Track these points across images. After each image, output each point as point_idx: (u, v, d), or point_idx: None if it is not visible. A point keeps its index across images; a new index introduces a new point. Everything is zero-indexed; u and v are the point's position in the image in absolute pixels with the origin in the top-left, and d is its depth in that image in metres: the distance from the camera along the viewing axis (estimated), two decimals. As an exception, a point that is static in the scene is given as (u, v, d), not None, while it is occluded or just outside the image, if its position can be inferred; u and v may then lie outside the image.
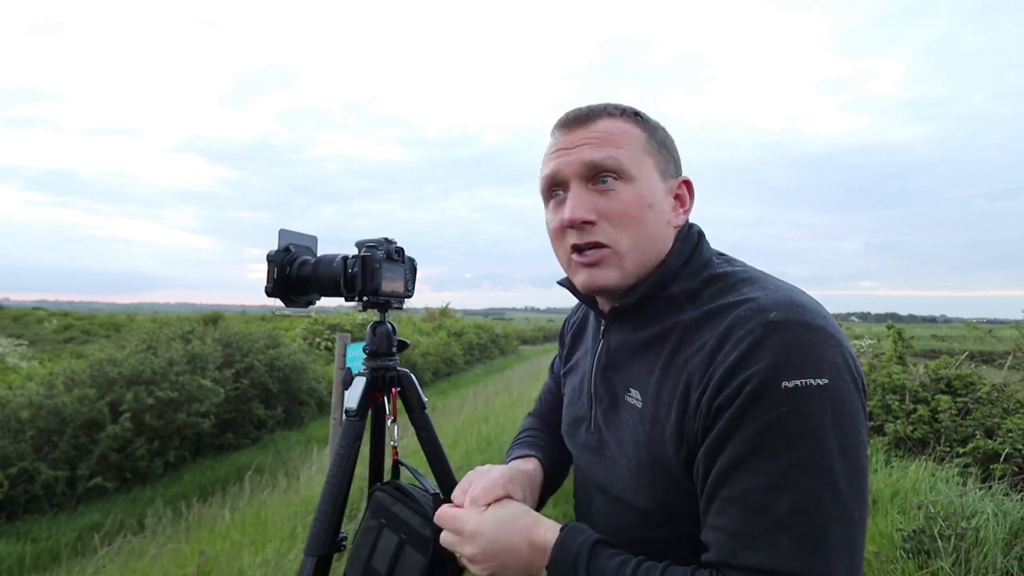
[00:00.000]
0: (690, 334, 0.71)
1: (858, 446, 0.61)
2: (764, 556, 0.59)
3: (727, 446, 0.63)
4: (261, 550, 3.18)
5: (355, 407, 1.11)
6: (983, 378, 4.93)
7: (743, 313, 0.66)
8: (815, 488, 0.59)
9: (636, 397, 0.76)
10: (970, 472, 3.80)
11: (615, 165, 0.74)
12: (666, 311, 0.75)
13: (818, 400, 0.60)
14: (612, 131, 0.76)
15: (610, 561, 0.68)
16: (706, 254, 0.79)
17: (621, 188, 0.74)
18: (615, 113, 0.78)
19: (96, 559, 3.99)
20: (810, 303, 0.66)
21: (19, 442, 6.32)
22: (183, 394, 7.86)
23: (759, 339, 0.62)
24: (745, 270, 0.75)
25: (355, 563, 0.97)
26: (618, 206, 0.74)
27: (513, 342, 30.18)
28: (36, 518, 5.94)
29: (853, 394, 0.62)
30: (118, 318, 28.44)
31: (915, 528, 2.72)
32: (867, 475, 0.63)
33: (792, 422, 0.60)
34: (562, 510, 4.06)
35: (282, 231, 1.13)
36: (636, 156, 0.75)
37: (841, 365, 0.62)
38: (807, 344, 0.61)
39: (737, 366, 0.63)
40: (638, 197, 0.74)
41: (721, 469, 0.63)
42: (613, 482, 0.79)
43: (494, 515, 0.75)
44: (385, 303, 1.14)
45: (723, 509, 0.63)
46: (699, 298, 0.73)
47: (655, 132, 0.79)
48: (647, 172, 0.76)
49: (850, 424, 0.61)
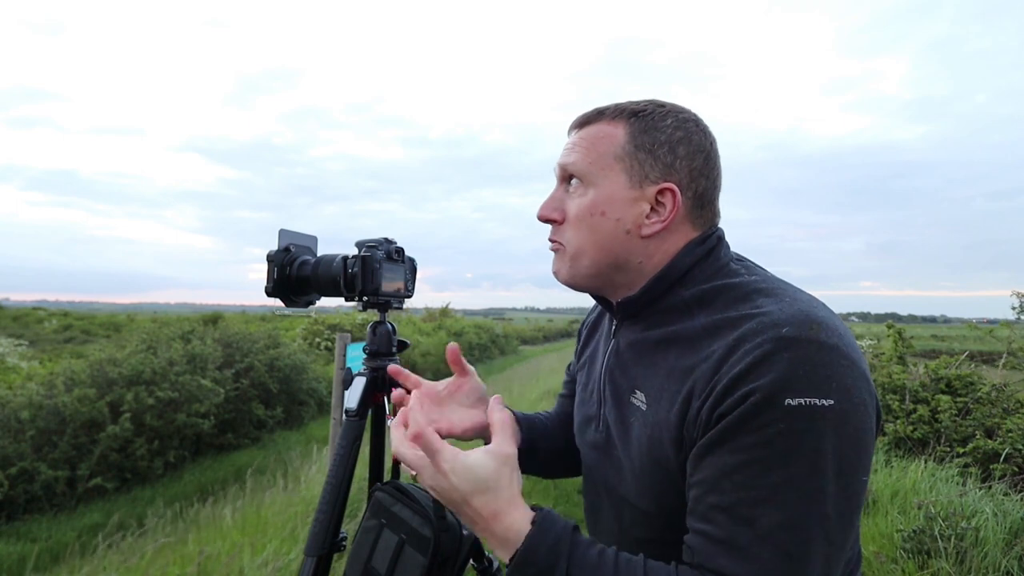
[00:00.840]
0: (699, 341, 0.70)
1: (857, 471, 0.61)
2: (744, 567, 0.60)
3: (720, 453, 0.63)
4: (261, 550, 3.18)
5: (355, 407, 1.11)
6: (983, 378, 4.94)
7: (754, 326, 0.65)
8: (803, 508, 0.59)
9: (641, 399, 0.76)
10: (970, 472, 3.80)
11: (575, 171, 0.78)
12: (676, 314, 0.75)
13: (820, 421, 0.59)
14: (593, 136, 0.78)
15: (589, 550, 0.65)
16: (723, 259, 0.77)
17: (581, 192, 0.78)
18: (613, 116, 0.77)
19: (96, 559, 3.99)
20: (827, 319, 0.65)
21: (19, 442, 6.32)
22: (183, 394, 7.86)
23: (768, 353, 0.62)
24: (763, 279, 0.73)
25: (355, 563, 0.97)
26: (572, 210, 0.78)
27: (513, 342, 30.17)
28: (36, 518, 5.95)
29: (862, 418, 0.61)
30: (118, 318, 28.44)
31: (915, 528, 2.72)
32: (862, 500, 0.63)
33: (790, 440, 0.59)
34: (563, 510, 4.06)
35: (282, 231, 1.13)
36: (601, 162, 0.76)
37: (851, 387, 0.61)
38: (817, 363, 0.61)
39: (742, 378, 0.62)
40: (591, 203, 0.76)
41: (711, 475, 0.63)
42: (619, 483, 0.79)
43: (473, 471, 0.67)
44: (385, 303, 1.13)
45: (710, 515, 0.63)
46: (711, 304, 0.72)
47: (647, 134, 0.75)
48: (610, 179, 0.75)
49: (851, 448, 0.60)
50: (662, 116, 0.76)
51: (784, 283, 0.73)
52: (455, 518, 0.95)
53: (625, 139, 0.76)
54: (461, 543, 0.94)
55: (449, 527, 0.92)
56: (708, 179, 0.77)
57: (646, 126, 0.76)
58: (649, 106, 0.77)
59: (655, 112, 0.76)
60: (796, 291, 0.71)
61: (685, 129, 0.76)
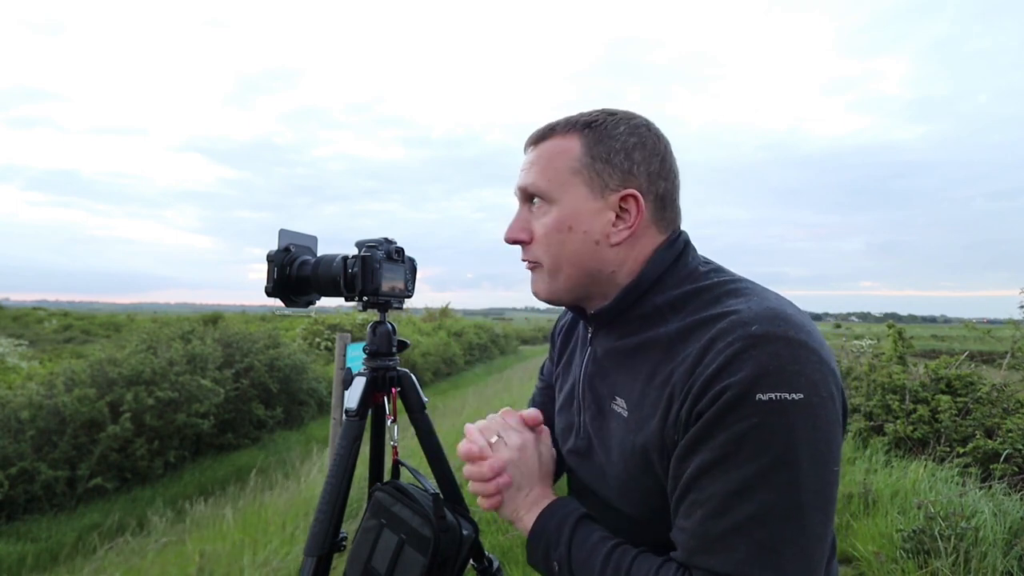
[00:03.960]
0: (674, 345, 0.71)
1: (828, 463, 0.62)
2: (720, 560, 0.62)
3: (699, 451, 0.64)
4: (261, 550, 3.18)
5: (355, 407, 1.11)
6: (983, 378, 4.93)
7: (725, 326, 0.66)
8: (777, 499, 0.60)
9: (621, 405, 0.77)
10: (970, 472, 3.80)
11: (536, 190, 0.78)
12: (651, 321, 0.76)
13: (791, 415, 0.61)
14: (548, 153, 0.78)
15: (592, 534, 0.74)
16: (691, 263, 0.78)
17: (545, 210, 0.78)
18: (565, 130, 0.78)
19: (96, 559, 3.99)
20: (795, 316, 0.67)
21: (19, 442, 6.32)
22: (183, 394, 7.86)
23: (739, 351, 0.63)
24: (731, 280, 0.75)
25: (355, 563, 0.97)
26: (540, 228, 0.79)
27: (513, 342, 30.19)
28: (36, 518, 5.95)
29: (830, 411, 0.63)
30: (118, 318, 28.45)
31: (915, 528, 2.72)
32: (835, 491, 0.64)
33: (762, 433, 0.61)
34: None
35: (282, 231, 1.14)
36: (560, 178, 0.76)
37: (819, 382, 0.62)
38: (786, 359, 0.62)
39: (715, 377, 0.64)
40: (557, 221, 0.77)
41: (691, 473, 0.65)
42: (601, 487, 0.81)
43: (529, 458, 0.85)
44: (385, 303, 1.14)
45: (689, 511, 0.65)
46: (683, 309, 0.74)
47: (602, 144, 0.76)
48: (571, 193, 0.76)
49: (822, 440, 0.62)
50: (614, 124, 0.77)
51: (752, 283, 0.75)
52: (455, 518, 0.95)
53: (581, 151, 0.76)
54: (461, 543, 0.94)
55: (449, 527, 0.92)
56: (667, 180, 0.78)
57: (599, 136, 0.76)
58: (600, 115, 0.78)
59: (607, 121, 0.77)
60: (764, 290, 0.73)
61: (638, 135, 0.77)
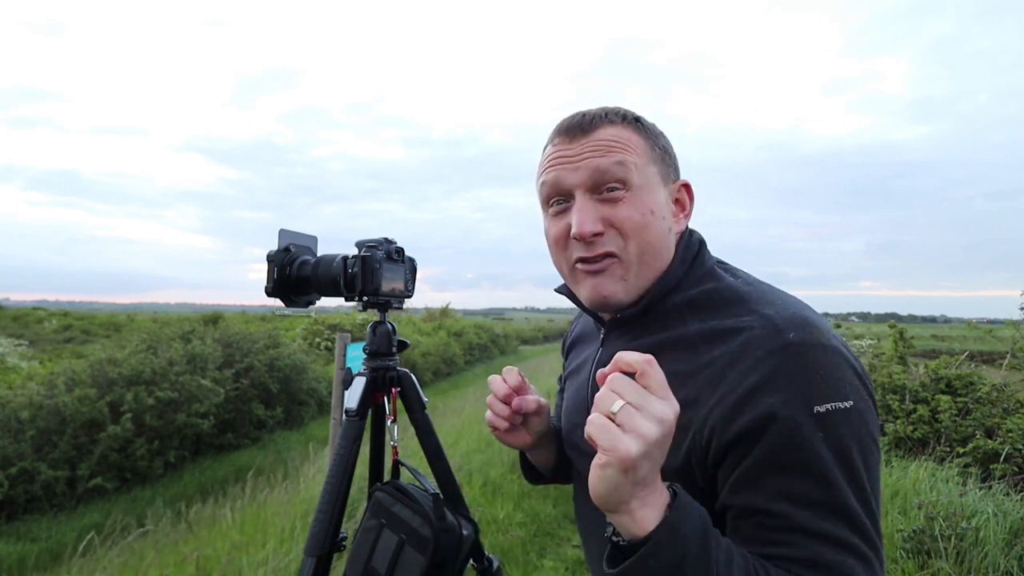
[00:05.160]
0: (696, 346, 0.70)
1: (877, 463, 0.64)
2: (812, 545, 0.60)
3: (772, 477, 0.61)
4: (261, 550, 3.18)
5: (355, 407, 1.11)
6: (983, 378, 4.93)
7: (758, 332, 0.65)
8: (861, 508, 0.61)
9: None
10: (970, 472, 3.80)
11: (622, 174, 0.73)
12: (669, 321, 0.75)
13: (846, 423, 0.61)
14: (616, 139, 0.74)
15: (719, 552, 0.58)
16: (708, 263, 0.78)
17: (627, 197, 0.73)
18: (616, 120, 0.76)
19: (96, 559, 3.99)
20: (818, 320, 0.67)
21: (19, 442, 6.33)
22: (183, 394, 7.86)
23: (781, 363, 0.63)
24: (748, 281, 0.75)
25: (355, 563, 0.97)
26: (625, 215, 0.73)
27: (513, 342, 30.18)
28: (36, 518, 5.95)
29: (871, 412, 0.64)
30: (118, 318, 28.45)
31: (915, 528, 2.72)
32: (881, 485, 0.65)
33: (829, 446, 0.60)
34: (563, 510, 4.06)
35: (282, 231, 1.13)
36: (641, 163, 0.74)
37: (859, 385, 0.64)
38: (828, 367, 0.62)
39: (759, 389, 0.62)
40: (643, 205, 0.73)
41: (769, 498, 0.61)
42: None
43: None
44: (385, 303, 1.13)
45: (786, 539, 0.61)
46: (703, 310, 0.72)
47: (657, 138, 0.78)
48: (651, 179, 0.75)
49: (871, 441, 0.63)
50: (645, 121, 0.79)
51: (767, 284, 0.75)
52: (455, 518, 0.95)
53: (641, 139, 0.76)
54: (461, 543, 0.94)
55: (449, 527, 0.92)
56: None
57: (645, 127, 0.78)
58: (627, 111, 0.79)
59: (641, 118, 0.79)
60: (782, 293, 0.72)
61: (663, 135, 0.81)
